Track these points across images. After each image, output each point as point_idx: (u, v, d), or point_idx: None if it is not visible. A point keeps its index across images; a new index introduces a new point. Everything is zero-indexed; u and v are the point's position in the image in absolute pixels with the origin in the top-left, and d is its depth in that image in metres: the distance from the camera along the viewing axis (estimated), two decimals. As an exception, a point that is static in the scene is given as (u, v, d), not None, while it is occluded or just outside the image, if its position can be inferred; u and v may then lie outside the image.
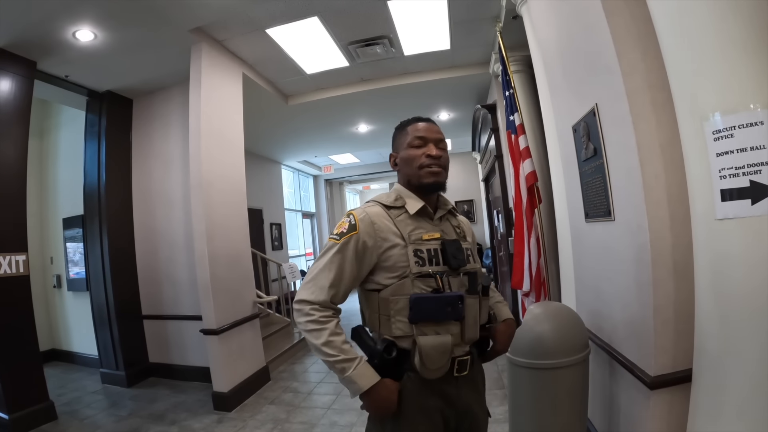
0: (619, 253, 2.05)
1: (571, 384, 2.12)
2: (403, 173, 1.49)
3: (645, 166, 1.76)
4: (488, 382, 3.89)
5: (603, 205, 2.21)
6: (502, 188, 5.65)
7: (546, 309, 2.31)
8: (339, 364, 1.26)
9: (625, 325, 2.03)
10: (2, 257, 3.68)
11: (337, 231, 1.36)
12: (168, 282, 5.04)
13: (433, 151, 1.43)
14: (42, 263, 6.10)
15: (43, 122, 6.18)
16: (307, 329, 1.30)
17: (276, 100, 5.89)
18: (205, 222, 4.05)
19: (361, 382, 1.25)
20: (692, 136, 1.43)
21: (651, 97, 1.75)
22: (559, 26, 2.51)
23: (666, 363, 1.70)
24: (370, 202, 1.46)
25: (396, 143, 1.53)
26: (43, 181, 6.18)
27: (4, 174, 3.81)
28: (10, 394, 3.65)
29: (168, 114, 5.07)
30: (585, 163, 2.38)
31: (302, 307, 1.32)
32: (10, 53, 3.83)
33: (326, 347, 1.26)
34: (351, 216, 1.37)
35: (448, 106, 7.18)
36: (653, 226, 1.74)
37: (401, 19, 4.24)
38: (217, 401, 4.01)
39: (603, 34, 1.84)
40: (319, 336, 1.27)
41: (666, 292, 1.71)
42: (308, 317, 1.29)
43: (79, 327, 5.79)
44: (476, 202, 11.45)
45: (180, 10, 3.63)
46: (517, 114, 3.79)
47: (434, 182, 1.43)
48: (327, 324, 1.29)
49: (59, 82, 4.56)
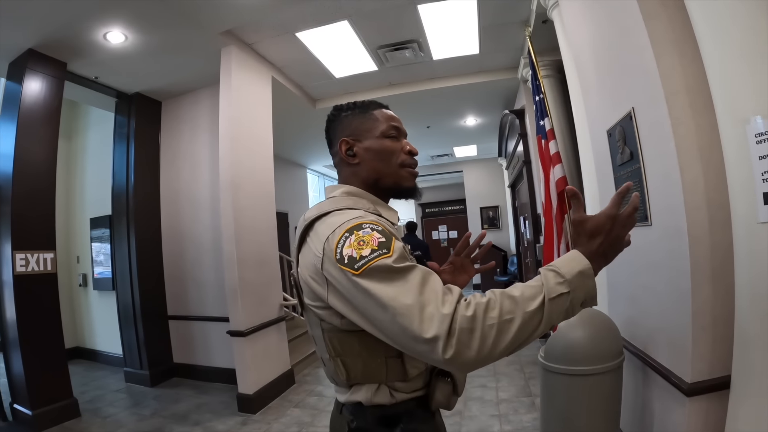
0: (656, 258, 2.02)
1: (605, 391, 2.10)
2: (367, 168, 1.11)
3: (684, 170, 1.74)
4: (515, 389, 3.93)
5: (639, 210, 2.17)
6: (530, 194, 5.61)
7: (580, 315, 2.28)
8: (557, 303, 0.81)
9: (661, 332, 2.00)
10: (30, 255, 3.80)
11: (368, 248, 0.86)
12: (193, 283, 5.13)
13: (414, 148, 1.15)
14: (68, 262, 6.26)
15: (72, 123, 6.37)
16: (483, 339, 0.77)
17: (303, 104, 5.97)
18: (233, 224, 4.12)
19: (582, 275, 0.84)
20: (733, 140, 1.42)
21: (689, 101, 1.73)
22: (593, 30, 2.49)
23: (703, 369, 1.67)
24: (350, 210, 1.00)
25: (352, 128, 1.13)
26: (71, 181, 6.36)
27: (34, 173, 3.93)
28: (34, 390, 3.74)
29: (196, 116, 5.18)
30: (620, 167, 2.35)
31: (444, 336, 0.77)
32: (40, 54, 3.95)
33: (525, 313, 0.79)
34: (368, 224, 0.92)
35: (476, 111, 7.16)
36: (692, 231, 1.72)
37: (431, 23, 4.27)
38: (241, 403, 4.05)
39: (641, 37, 1.83)
40: (502, 323, 0.78)
41: (704, 297, 1.68)
42: (468, 325, 0.77)
43: (103, 326, 5.91)
44: (501, 209, 11.35)
45: (211, 13, 3.71)
46: (548, 119, 3.77)
47: (414, 187, 1.15)
48: (487, 301, 0.81)
49: (89, 83, 4.68)
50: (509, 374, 4.44)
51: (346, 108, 1.18)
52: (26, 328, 3.74)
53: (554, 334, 2.26)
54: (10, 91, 3.98)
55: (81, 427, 3.83)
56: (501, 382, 4.27)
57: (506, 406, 3.68)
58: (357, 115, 1.15)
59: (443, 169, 12.07)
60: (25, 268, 3.73)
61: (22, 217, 3.78)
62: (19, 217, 3.77)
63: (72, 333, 6.13)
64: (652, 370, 2.00)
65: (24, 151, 3.84)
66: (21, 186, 3.80)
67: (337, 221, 0.95)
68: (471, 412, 3.64)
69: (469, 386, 4.23)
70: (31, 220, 3.86)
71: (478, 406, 3.75)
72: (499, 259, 10.79)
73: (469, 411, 3.67)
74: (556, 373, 2.17)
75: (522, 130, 5.50)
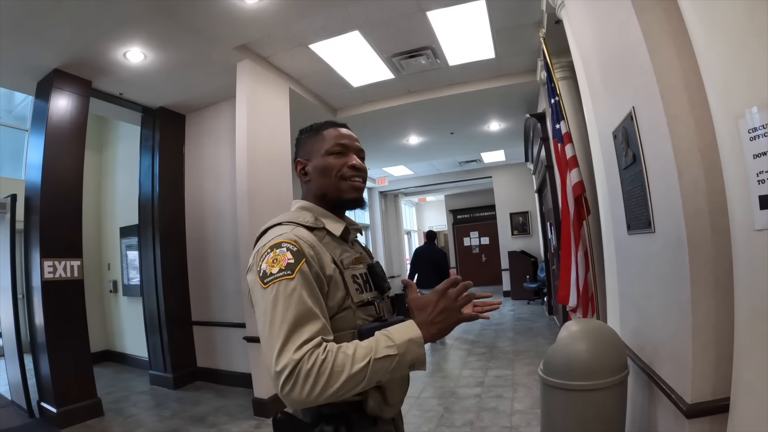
0: (659, 267, 1.89)
1: (607, 407, 1.97)
2: (316, 185, 1.23)
3: (683, 172, 1.61)
4: (531, 401, 3.79)
5: (644, 216, 2.05)
6: (554, 199, 5.45)
7: (583, 327, 2.18)
8: (382, 362, 0.94)
9: (664, 347, 1.86)
10: (58, 262, 4.01)
11: (277, 267, 0.99)
12: (216, 290, 5.24)
13: (357, 162, 1.24)
14: (99, 269, 6.56)
15: (102, 137, 6.70)
16: (314, 386, 0.89)
17: (324, 114, 6.00)
18: (249, 233, 4.17)
19: (411, 342, 0.98)
20: (727, 137, 1.30)
21: (688, 97, 1.60)
22: (594, 28, 2.38)
23: (705, 390, 1.52)
24: (286, 225, 1.12)
25: (306, 149, 1.27)
26: (102, 191, 6.67)
27: (62, 185, 4.13)
28: (60, 390, 3.93)
29: (218, 129, 5.31)
30: (625, 171, 2.23)
31: (286, 375, 0.90)
32: (66, 73, 4.17)
33: (352, 369, 0.92)
34: (288, 244, 1.03)
35: (498, 115, 7.04)
36: (692, 239, 1.58)
37: (442, 29, 4.22)
38: (257, 407, 4.10)
39: (634, 32, 1.72)
40: (332, 375, 0.91)
41: (706, 311, 1.54)
42: (302, 375, 0.89)
43: (132, 330, 6.14)
44: (531, 214, 11.10)
45: (223, 29, 3.80)
46: (564, 122, 3.65)
47: (356, 198, 1.24)
48: (325, 354, 0.93)
49: (114, 99, 4.90)
50: (528, 384, 4.30)
51: (305, 131, 1.32)
52: (53, 331, 3.94)
53: (554, 347, 2.14)
54: (38, 108, 4.23)
55: (103, 425, 3.98)
56: (518, 392, 4.15)
57: (519, 417, 3.56)
58: (310, 137, 1.29)
59: (472, 175, 11.95)
60: (52, 275, 3.95)
61: (50, 226, 4.01)
62: (48, 226, 3.99)
63: (102, 337, 6.43)
64: (657, 388, 1.86)
65: (52, 164, 4.06)
66: (49, 197, 4.02)
67: (270, 236, 1.10)
68: (483, 422, 3.54)
69: (486, 395, 4.13)
70: (59, 229, 4.07)
71: (491, 416, 3.64)
72: (528, 266, 10.55)
73: (481, 421, 3.57)
74: (555, 388, 2.05)
75: (544, 133, 5.34)
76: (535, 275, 10.25)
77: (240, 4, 3.44)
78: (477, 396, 4.16)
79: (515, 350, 5.82)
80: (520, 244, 11.32)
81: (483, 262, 14.69)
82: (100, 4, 3.26)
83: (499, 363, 5.26)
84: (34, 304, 4.04)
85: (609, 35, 2.16)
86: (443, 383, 4.69)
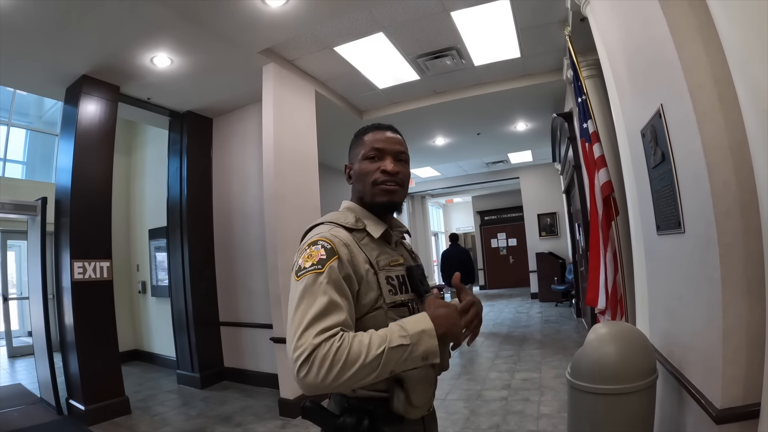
0: (689, 269, 1.83)
1: (635, 412, 1.92)
2: (356, 188, 1.30)
3: (713, 171, 1.56)
4: (558, 404, 3.73)
5: (673, 216, 1.99)
6: (582, 200, 5.36)
7: (611, 329, 2.13)
8: (396, 352, 0.96)
9: (693, 350, 1.81)
10: (88, 263, 4.14)
11: (310, 262, 1.07)
12: (243, 291, 5.33)
13: (390, 166, 1.24)
14: (129, 270, 6.75)
15: (131, 140, 6.91)
16: (329, 371, 0.93)
17: (350, 116, 6.05)
18: (276, 235, 4.24)
19: (423, 333, 1.00)
20: (758, 133, 1.26)
21: (717, 93, 1.56)
22: (620, 24, 2.33)
23: (736, 395, 1.48)
24: (327, 225, 1.20)
25: (352, 153, 1.33)
26: (131, 194, 6.86)
27: (91, 188, 4.27)
28: (88, 388, 4.05)
29: (245, 132, 5.40)
30: (654, 170, 2.17)
31: (303, 359, 0.94)
32: (94, 79, 4.32)
33: (367, 357, 0.95)
34: (323, 242, 1.10)
35: (525, 115, 6.95)
36: (723, 239, 1.54)
37: (467, 29, 4.20)
38: (282, 407, 4.14)
39: (661, 27, 1.68)
40: (348, 361, 0.94)
41: (737, 314, 1.49)
42: (319, 360, 0.94)
43: (160, 330, 6.30)
44: (559, 215, 10.92)
45: (248, 33, 3.87)
46: (591, 121, 3.58)
47: (388, 201, 1.25)
48: (341, 341, 0.96)
49: (142, 104, 5.04)
50: (555, 388, 4.23)
51: (355, 134, 1.36)
52: (83, 330, 4.06)
53: (582, 350, 2.11)
54: (67, 113, 4.38)
55: (130, 423, 4.08)
56: (545, 395, 4.08)
57: (546, 421, 3.50)
58: (355, 141, 1.34)
59: (499, 175, 11.84)
60: (82, 276, 4.08)
61: (80, 228, 4.14)
62: (77, 228, 4.12)
63: (131, 336, 6.62)
64: (686, 392, 1.81)
65: (81, 168, 4.20)
66: (79, 200, 4.15)
67: (311, 234, 1.19)
68: (509, 426, 3.50)
69: (512, 398, 4.09)
70: (89, 231, 4.20)
71: (517, 419, 3.60)
72: (556, 268, 10.38)
73: (507, 424, 3.53)
74: (583, 392, 2.02)
75: (571, 133, 5.26)
76: (563, 277, 10.07)
77: (264, 9, 3.50)
78: (503, 399, 4.12)
79: (543, 353, 5.73)
80: (547, 245, 11.15)
81: (510, 264, 14.51)
82: (127, 12, 3.37)
83: (526, 366, 5.19)
84: (64, 304, 4.18)
85: (635, 32, 2.12)
86: (469, 386, 4.65)
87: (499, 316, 9.13)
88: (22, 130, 8.27)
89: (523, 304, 10.77)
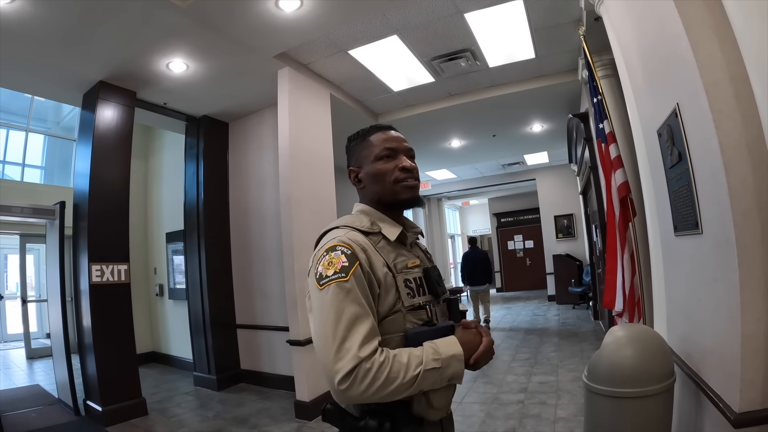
0: (707, 271, 1.80)
1: (653, 415, 1.90)
2: (371, 191, 1.28)
3: (730, 170, 1.54)
4: (575, 408, 3.70)
5: (691, 217, 1.96)
6: (598, 201, 5.29)
7: (629, 332, 2.11)
8: (430, 374, 1.03)
9: (712, 354, 1.77)
10: (105, 266, 4.21)
11: (332, 269, 1.07)
12: (260, 294, 5.37)
13: (408, 163, 1.26)
14: (146, 273, 6.84)
15: (149, 145, 7.02)
16: (370, 386, 0.98)
17: (365, 119, 6.06)
18: (292, 238, 4.27)
19: (453, 357, 1.06)
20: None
21: (734, 91, 1.53)
22: (635, 23, 2.31)
23: (755, 399, 1.44)
24: (342, 228, 1.20)
25: (356, 156, 1.33)
26: (149, 198, 6.96)
27: (109, 192, 4.34)
28: (106, 389, 4.10)
29: (261, 135, 5.45)
30: (671, 170, 2.14)
31: (347, 371, 0.98)
32: (111, 85, 4.40)
33: (405, 376, 1.00)
34: (342, 247, 1.10)
35: (541, 116, 6.90)
36: (741, 240, 1.51)
37: (481, 30, 4.19)
38: (298, 410, 4.16)
39: (675, 25, 1.66)
40: (389, 378, 0.99)
41: (756, 317, 1.46)
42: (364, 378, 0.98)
43: (177, 332, 6.37)
44: (576, 217, 10.80)
45: (262, 38, 3.91)
46: (607, 121, 3.54)
47: (412, 197, 1.26)
48: (383, 358, 1.01)
49: (158, 109, 5.12)
50: (572, 391, 4.19)
51: (352, 138, 1.37)
52: (100, 332, 4.13)
53: (599, 353, 2.08)
54: (84, 119, 4.48)
55: (146, 424, 4.13)
56: (562, 399, 4.04)
57: (563, 425, 3.47)
58: (358, 144, 1.33)
59: (515, 177, 11.77)
60: (100, 278, 4.15)
61: (97, 231, 4.21)
62: (95, 231, 4.20)
63: (149, 338, 6.71)
64: (704, 396, 1.78)
65: (99, 172, 4.28)
66: (97, 204, 4.23)
67: (326, 239, 1.19)
68: (525, 429, 3.49)
69: (529, 402, 4.05)
70: (107, 235, 4.27)
71: (533, 423, 3.57)
72: (573, 270, 10.26)
73: (523, 428, 3.51)
74: (600, 395, 2.00)
75: (587, 134, 5.20)
76: (580, 279, 9.96)
77: (279, 13, 3.54)
78: (520, 402, 4.08)
79: (560, 356, 5.67)
80: (564, 247, 11.02)
81: (527, 266, 14.40)
82: (143, 19, 3.44)
83: (543, 369, 5.14)
84: (82, 307, 4.24)
85: (649, 30, 2.10)
86: (486, 389, 4.62)
87: (516, 319, 9.06)
88: (41, 136, 8.48)
89: (540, 306, 10.67)
